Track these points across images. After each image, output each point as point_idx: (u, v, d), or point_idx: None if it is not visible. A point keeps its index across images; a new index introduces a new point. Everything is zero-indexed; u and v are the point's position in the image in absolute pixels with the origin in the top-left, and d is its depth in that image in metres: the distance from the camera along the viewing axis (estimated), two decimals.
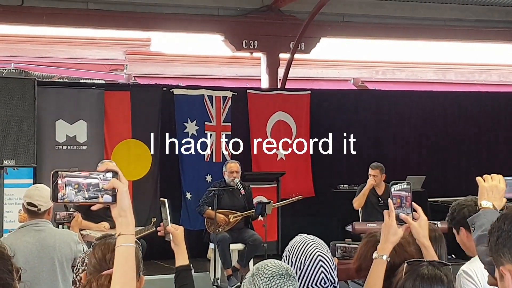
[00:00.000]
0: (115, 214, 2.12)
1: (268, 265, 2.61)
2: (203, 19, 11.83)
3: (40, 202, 4.99)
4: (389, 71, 17.87)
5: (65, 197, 2.07)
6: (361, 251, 3.19)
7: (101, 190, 2.09)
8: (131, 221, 2.14)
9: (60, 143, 9.92)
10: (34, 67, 14.90)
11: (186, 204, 10.70)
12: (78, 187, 2.07)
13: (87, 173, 2.09)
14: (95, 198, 2.09)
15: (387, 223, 2.93)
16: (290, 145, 11.48)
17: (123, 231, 2.12)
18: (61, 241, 5.03)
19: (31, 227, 4.99)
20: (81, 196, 2.08)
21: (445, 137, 12.41)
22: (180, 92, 10.91)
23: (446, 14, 13.02)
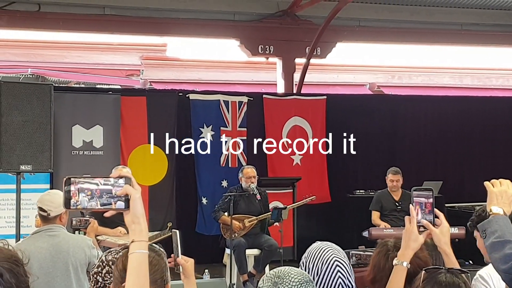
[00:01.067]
0: (128, 220, 2.11)
1: (292, 273, 2.57)
2: (218, 24, 11.84)
3: (49, 207, 5.00)
4: (405, 76, 17.82)
5: (78, 204, 2.06)
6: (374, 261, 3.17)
7: (114, 197, 2.08)
8: (144, 227, 2.12)
9: (77, 148, 9.96)
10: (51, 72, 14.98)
11: (202, 209, 10.70)
12: (91, 194, 2.06)
13: (100, 180, 2.08)
14: (108, 204, 2.08)
15: (408, 229, 2.90)
16: (306, 150, 11.46)
17: (136, 238, 2.11)
18: (75, 246, 5.03)
19: (45, 233, 4.99)
20: (94, 203, 2.07)
21: (461, 142, 12.34)
22: (196, 97, 10.92)
23: (462, 19, 12.96)
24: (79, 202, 2.06)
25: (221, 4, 11.72)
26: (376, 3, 12.41)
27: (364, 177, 11.72)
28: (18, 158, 6.71)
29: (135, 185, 2.11)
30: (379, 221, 9.34)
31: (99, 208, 2.08)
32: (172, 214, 10.39)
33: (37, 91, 7.01)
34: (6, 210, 9.16)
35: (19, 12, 10.69)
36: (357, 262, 6.05)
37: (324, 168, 11.57)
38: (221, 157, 10.88)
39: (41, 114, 6.89)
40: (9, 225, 8.97)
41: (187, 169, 10.79)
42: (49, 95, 6.99)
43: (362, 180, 11.66)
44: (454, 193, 11.52)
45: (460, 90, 16.97)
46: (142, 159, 10.35)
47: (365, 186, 11.28)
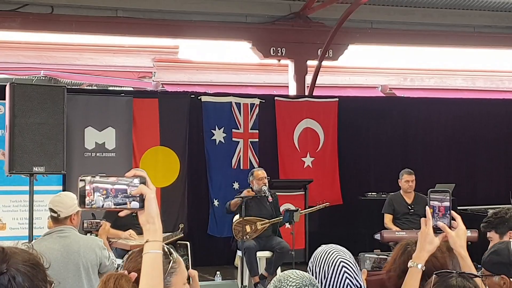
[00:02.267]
0: (143, 220, 2.11)
1: (291, 277, 2.61)
2: (230, 26, 11.86)
3: (59, 208, 5.02)
4: (418, 78, 17.75)
5: (93, 203, 2.06)
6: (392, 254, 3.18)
7: (129, 196, 2.07)
8: (159, 227, 2.12)
9: (89, 150, 9.99)
10: (64, 74, 15.02)
11: (214, 211, 10.71)
12: (106, 193, 2.06)
13: (115, 179, 2.08)
14: (123, 204, 2.08)
15: (423, 231, 2.88)
16: (318, 152, 11.46)
17: (150, 238, 2.10)
18: (86, 247, 5.05)
19: (56, 234, 5.01)
20: (109, 202, 2.06)
21: (474, 144, 12.30)
22: (208, 99, 10.94)
23: (475, 21, 12.92)
24: (94, 201, 2.06)
25: (233, 6, 11.73)
26: (388, 5, 12.39)
27: (376, 179, 11.70)
28: (31, 160, 6.74)
29: (150, 184, 2.11)
30: (392, 225, 9.31)
31: (114, 208, 2.07)
32: (184, 216, 10.41)
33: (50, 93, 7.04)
34: (19, 211, 9.20)
35: (32, 14, 10.75)
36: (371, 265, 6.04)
37: (335, 170, 11.56)
38: (232, 159, 10.89)
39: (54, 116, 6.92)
40: (22, 226, 9.02)
41: (199, 171, 10.81)
42: (62, 97, 7.01)
43: (374, 183, 11.64)
44: (467, 195, 11.48)
45: (472, 92, 16.90)
46: (154, 161, 10.38)
47: (377, 188, 11.26)
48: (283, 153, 11.33)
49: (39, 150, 6.77)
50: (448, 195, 2.89)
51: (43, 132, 6.83)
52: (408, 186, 9.39)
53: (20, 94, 6.84)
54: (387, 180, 11.00)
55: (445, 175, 11.71)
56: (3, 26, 10.97)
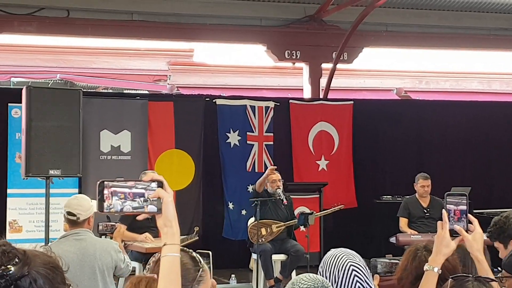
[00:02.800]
0: (160, 224, 2.12)
1: (304, 279, 2.62)
2: (245, 29, 11.88)
3: (79, 211, 5.05)
4: (433, 81, 17.70)
5: (111, 207, 2.07)
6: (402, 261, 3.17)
7: (147, 200, 2.09)
8: (177, 231, 2.13)
9: (105, 153, 10.03)
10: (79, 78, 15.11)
11: (229, 214, 10.72)
12: (124, 197, 2.07)
13: (133, 183, 2.09)
14: (141, 208, 2.09)
15: (440, 234, 2.86)
16: (332, 155, 11.44)
17: (168, 241, 2.11)
18: (102, 250, 5.07)
19: (72, 237, 5.04)
20: (127, 206, 2.08)
21: (490, 147, 12.23)
22: (222, 102, 10.95)
23: (491, 23, 12.86)
24: (112, 205, 2.07)
25: (248, 10, 11.75)
26: (403, 8, 12.36)
27: (391, 182, 11.67)
28: (47, 163, 6.77)
29: (168, 188, 2.12)
30: (407, 228, 9.28)
31: (131, 211, 2.09)
32: (199, 219, 10.42)
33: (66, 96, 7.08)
34: (35, 214, 9.25)
35: (48, 18, 10.82)
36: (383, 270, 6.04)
37: (350, 173, 11.53)
38: (247, 162, 10.90)
39: (70, 119, 6.95)
40: (38, 229, 9.06)
41: (213, 174, 10.82)
42: (78, 101, 7.05)
43: (389, 186, 11.60)
44: (483, 199, 11.40)
45: (488, 95, 16.82)
46: (169, 164, 10.40)
47: (392, 191, 11.22)
48: (298, 156, 11.33)
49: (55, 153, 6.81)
50: (465, 199, 2.87)
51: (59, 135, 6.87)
52: (423, 191, 9.36)
53: (37, 97, 6.88)
54: (402, 183, 10.97)
55: (460, 178, 11.66)
56: (20, 30, 11.04)
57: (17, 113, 9.18)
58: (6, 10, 10.58)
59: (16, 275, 1.70)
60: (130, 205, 2.08)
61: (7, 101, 9.44)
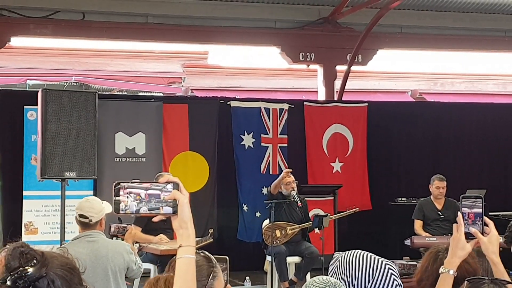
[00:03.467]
0: (176, 225, 2.12)
1: (316, 281, 2.61)
2: (259, 31, 11.88)
3: (91, 214, 5.07)
4: (448, 82, 17.64)
5: (127, 208, 2.07)
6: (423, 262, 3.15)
7: (162, 202, 2.09)
8: (192, 232, 2.13)
9: (120, 155, 10.06)
10: (95, 80, 15.18)
11: (243, 216, 10.72)
12: (140, 199, 2.07)
13: (149, 185, 2.09)
14: (156, 209, 2.09)
15: (455, 237, 2.85)
16: (347, 157, 11.42)
17: (184, 243, 2.12)
18: (114, 252, 5.09)
19: (84, 238, 5.06)
20: (143, 208, 2.08)
21: (506, 149, 12.17)
22: (237, 105, 10.96)
23: (506, 25, 12.79)
24: (128, 206, 2.07)
25: (262, 12, 11.75)
26: (418, 9, 12.31)
27: (406, 185, 11.63)
28: (63, 165, 6.80)
29: (183, 190, 2.12)
30: (422, 231, 9.24)
31: (147, 213, 2.09)
32: (214, 221, 10.43)
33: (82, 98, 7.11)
34: (51, 216, 9.30)
35: (63, 21, 10.87)
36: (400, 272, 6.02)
37: (365, 175, 11.51)
38: (261, 164, 10.90)
39: (85, 121, 6.98)
40: (54, 231, 9.11)
41: (228, 176, 10.83)
42: (93, 103, 7.08)
43: (404, 188, 11.56)
44: (499, 201, 11.36)
45: (504, 97, 16.74)
46: (183, 166, 10.42)
47: (408, 194, 11.18)
48: (312, 158, 11.32)
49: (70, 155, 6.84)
50: (480, 201, 2.85)
51: (74, 137, 6.90)
52: (438, 192, 9.32)
53: (52, 99, 6.91)
54: (417, 185, 10.94)
55: (477, 180, 11.61)
56: (36, 33, 11.10)
57: (33, 116, 9.23)
58: (22, 13, 10.65)
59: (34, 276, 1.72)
60: (146, 207, 2.08)
61: (23, 104, 9.50)
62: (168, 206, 2.10)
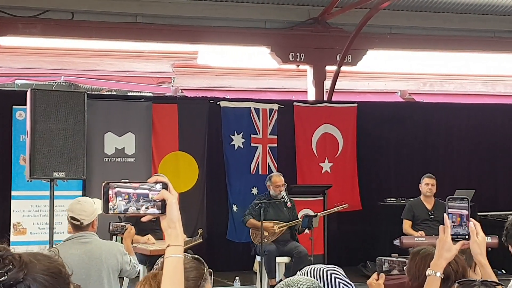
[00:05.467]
0: (164, 225, 2.12)
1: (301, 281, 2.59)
2: (249, 32, 11.88)
3: (82, 217, 5.04)
4: (437, 83, 17.68)
5: (115, 207, 2.07)
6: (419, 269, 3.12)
7: (151, 201, 2.09)
8: (180, 232, 2.13)
9: (109, 155, 10.04)
10: (84, 80, 15.13)
11: (233, 216, 10.72)
12: (128, 198, 2.07)
13: (137, 185, 2.09)
14: (145, 209, 2.09)
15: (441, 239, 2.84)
16: (336, 158, 11.43)
17: (172, 242, 2.12)
18: (108, 253, 5.06)
19: (77, 240, 5.03)
20: (131, 207, 2.08)
21: (495, 150, 12.21)
22: (226, 105, 10.96)
23: (495, 26, 12.84)
24: (117, 206, 2.07)
25: (252, 12, 11.75)
26: (408, 10, 12.34)
27: (396, 185, 11.66)
28: (51, 165, 6.78)
29: (172, 190, 2.12)
30: (411, 230, 9.26)
31: (135, 212, 2.09)
32: (203, 221, 10.42)
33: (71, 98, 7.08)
34: (40, 216, 9.26)
35: (52, 20, 10.83)
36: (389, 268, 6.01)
37: (354, 176, 11.52)
38: (251, 165, 10.90)
39: (74, 121, 6.95)
40: (42, 231, 9.07)
41: (217, 176, 10.82)
42: (82, 103, 7.05)
43: (393, 188, 11.59)
44: (488, 201, 11.41)
45: (492, 97, 16.80)
46: (173, 166, 10.41)
47: (397, 194, 11.21)
48: (302, 158, 11.32)
49: (59, 155, 6.81)
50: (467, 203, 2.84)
51: (63, 137, 6.87)
52: (427, 189, 9.34)
53: (41, 99, 6.88)
54: (407, 185, 10.96)
55: (466, 181, 11.65)
56: (24, 33, 11.06)
57: (22, 116, 9.19)
58: (11, 13, 10.60)
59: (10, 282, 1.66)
60: (135, 206, 2.08)
61: (11, 104, 9.46)
62: (157, 206, 2.10)
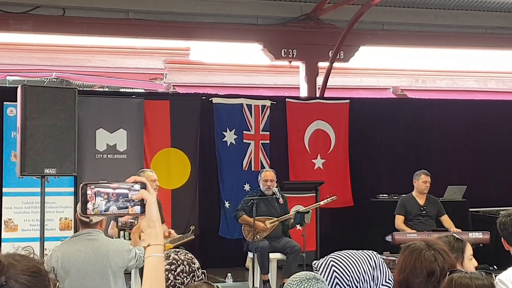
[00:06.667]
0: (144, 225, 2.13)
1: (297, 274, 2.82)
2: (242, 28, 11.87)
3: None
4: (429, 79, 17.70)
5: (96, 207, 2.07)
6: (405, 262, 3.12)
7: (130, 201, 2.10)
8: (160, 231, 2.15)
9: (101, 151, 10.01)
10: (75, 76, 15.08)
11: (225, 213, 10.71)
12: (108, 197, 2.08)
13: (116, 185, 2.10)
14: (124, 208, 2.10)
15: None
16: (329, 154, 11.43)
17: (152, 242, 2.13)
18: (114, 251, 5.08)
19: (85, 236, 5.05)
20: (111, 207, 2.08)
21: (486, 146, 12.23)
22: (219, 101, 10.94)
23: (488, 22, 12.86)
24: (97, 205, 2.07)
25: (245, 8, 11.74)
26: (400, 6, 12.36)
27: (388, 181, 11.67)
28: (42, 161, 6.75)
29: (151, 190, 2.14)
30: (403, 226, 9.28)
31: (115, 212, 2.10)
32: (195, 217, 10.41)
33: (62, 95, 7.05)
34: (31, 213, 9.23)
35: (44, 16, 10.79)
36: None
37: (347, 172, 11.53)
38: (243, 161, 10.89)
39: (66, 118, 6.93)
40: (34, 228, 9.05)
41: (210, 173, 10.81)
42: (74, 99, 7.02)
43: (385, 184, 11.59)
44: (479, 197, 11.43)
45: (484, 93, 16.83)
46: (165, 163, 10.39)
47: (389, 190, 11.22)
48: (294, 154, 11.32)
49: (50, 152, 6.78)
50: None
51: (54, 134, 6.84)
52: (425, 187, 9.34)
53: (32, 96, 6.85)
54: (398, 181, 10.98)
55: (457, 177, 11.67)
56: (16, 29, 11.02)
57: (13, 112, 9.16)
58: (2, 9, 10.56)
59: None
60: (115, 206, 2.09)
61: (2, 100, 9.43)
62: (136, 205, 2.10)
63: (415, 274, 3.03)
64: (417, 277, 3.02)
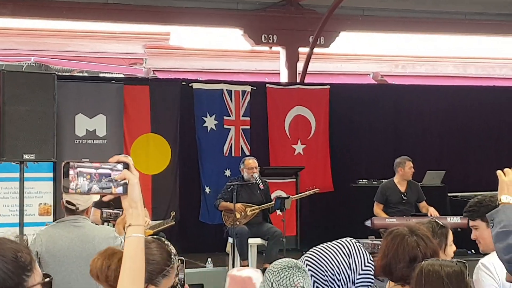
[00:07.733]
0: (126, 205, 2.12)
1: (278, 261, 2.79)
2: (222, 13, 11.82)
3: (79, 202, 5.02)
4: (409, 65, 17.75)
5: (78, 187, 2.05)
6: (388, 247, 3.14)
7: (113, 181, 2.08)
8: (141, 212, 2.14)
9: (80, 137, 9.96)
10: (54, 61, 14.96)
11: (205, 198, 10.71)
12: (90, 178, 2.06)
13: (98, 164, 2.08)
14: (107, 188, 2.09)
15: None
16: (309, 139, 11.46)
17: (133, 222, 2.12)
18: (100, 237, 5.07)
19: (70, 223, 5.02)
20: (94, 186, 2.07)
21: (465, 131, 12.32)
22: (199, 87, 10.91)
23: (467, 8, 12.91)
24: (79, 185, 2.06)
25: None
26: None
27: (368, 166, 11.72)
28: (21, 147, 6.71)
29: (134, 170, 2.12)
30: (382, 214, 9.28)
31: (98, 191, 2.08)
32: (175, 203, 10.40)
33: (40, 80, 7.00)
34: (10, 198, 9.17)
35: (22, 1, 10.69)
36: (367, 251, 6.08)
37: (327, 157, 11.56)
38: (224, 147, 10.89)
39: (44, 103, 6.88)
40: (13, 213, 8.98)
41: (190, 158, 10.80)
42: (52, 84, 6.97)
43: (365, 170, 11.64)
44: (458, 182, 11.51)
45: (464, 79, 16.92)
46: (145, 148, 10.36)
47: (369, 175, 11.27)
48: (274, 140, 11.33)
49: (29, 137, 6.74)
50: None
51: (33, 119, 6.80)
52: (411, 172, 9.31)
53: (10, 81, 6.80)
54: (378, 167, 11.03)
55: (436, 162, 11.75)
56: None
57: None
58: None
59: None
60: (97, 185, 2.07)
61: None
62: (119, 185, 2.09)
63: (398, 260, 3.05)
64: (400, 262, 3.04)
